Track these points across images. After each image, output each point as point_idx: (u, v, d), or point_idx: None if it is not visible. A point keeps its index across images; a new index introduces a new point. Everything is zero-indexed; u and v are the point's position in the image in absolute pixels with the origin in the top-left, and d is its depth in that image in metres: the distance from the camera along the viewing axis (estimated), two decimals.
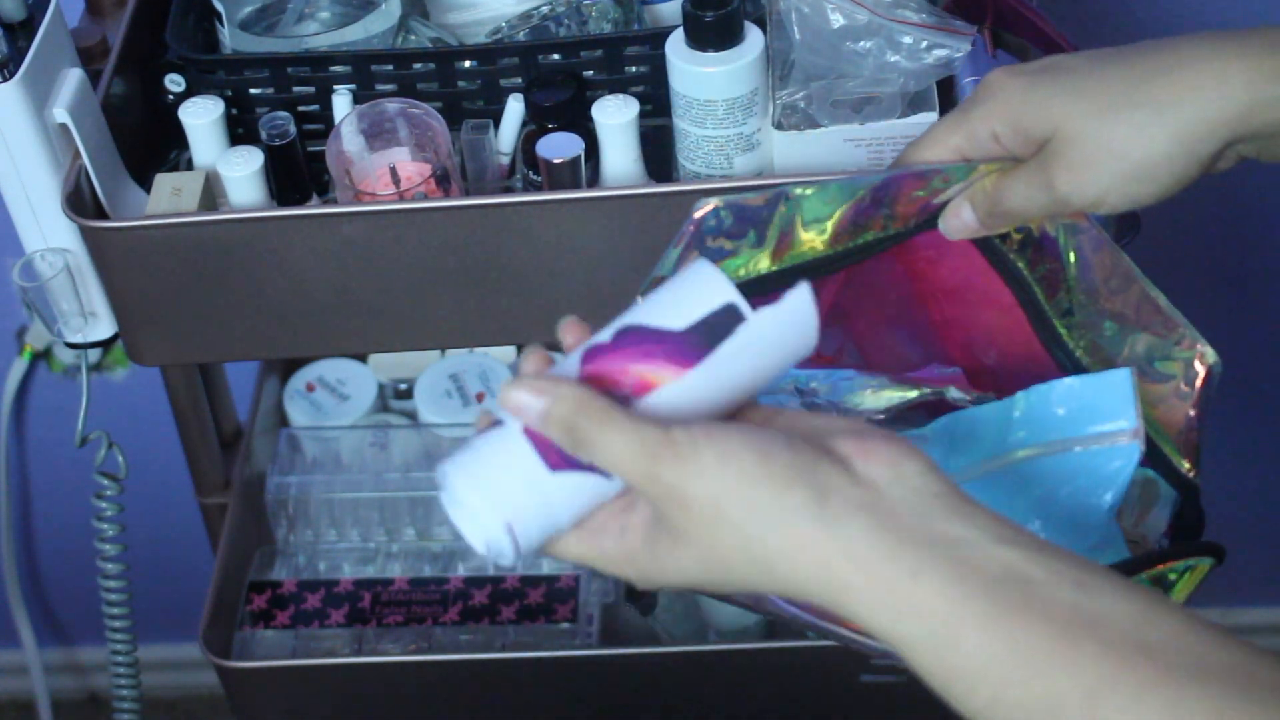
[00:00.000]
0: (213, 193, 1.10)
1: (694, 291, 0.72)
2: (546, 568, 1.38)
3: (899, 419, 0.93)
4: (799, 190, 0.86)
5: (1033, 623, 0.64)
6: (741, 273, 0.87)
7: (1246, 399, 1.75)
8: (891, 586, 0.66)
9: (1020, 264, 0.90)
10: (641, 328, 0.71)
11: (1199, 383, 0.84)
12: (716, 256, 0.86)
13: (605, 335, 0.72)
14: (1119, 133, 0.83)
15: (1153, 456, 0.86)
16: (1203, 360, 0.84)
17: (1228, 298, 1.67)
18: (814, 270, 0.88)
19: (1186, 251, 1.63)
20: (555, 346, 1.59)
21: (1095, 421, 0.84)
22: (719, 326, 0.71)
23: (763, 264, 0.87)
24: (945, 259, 0.92)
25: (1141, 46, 0.86)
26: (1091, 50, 0.87)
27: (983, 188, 0.88)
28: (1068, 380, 0.86)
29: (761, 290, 0.86)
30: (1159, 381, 0.86)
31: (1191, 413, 0.85)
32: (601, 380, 0.71)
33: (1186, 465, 0.88)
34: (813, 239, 0.87)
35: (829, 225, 0.87)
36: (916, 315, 0.96)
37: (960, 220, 0.89)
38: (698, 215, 0.85)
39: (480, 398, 1.43)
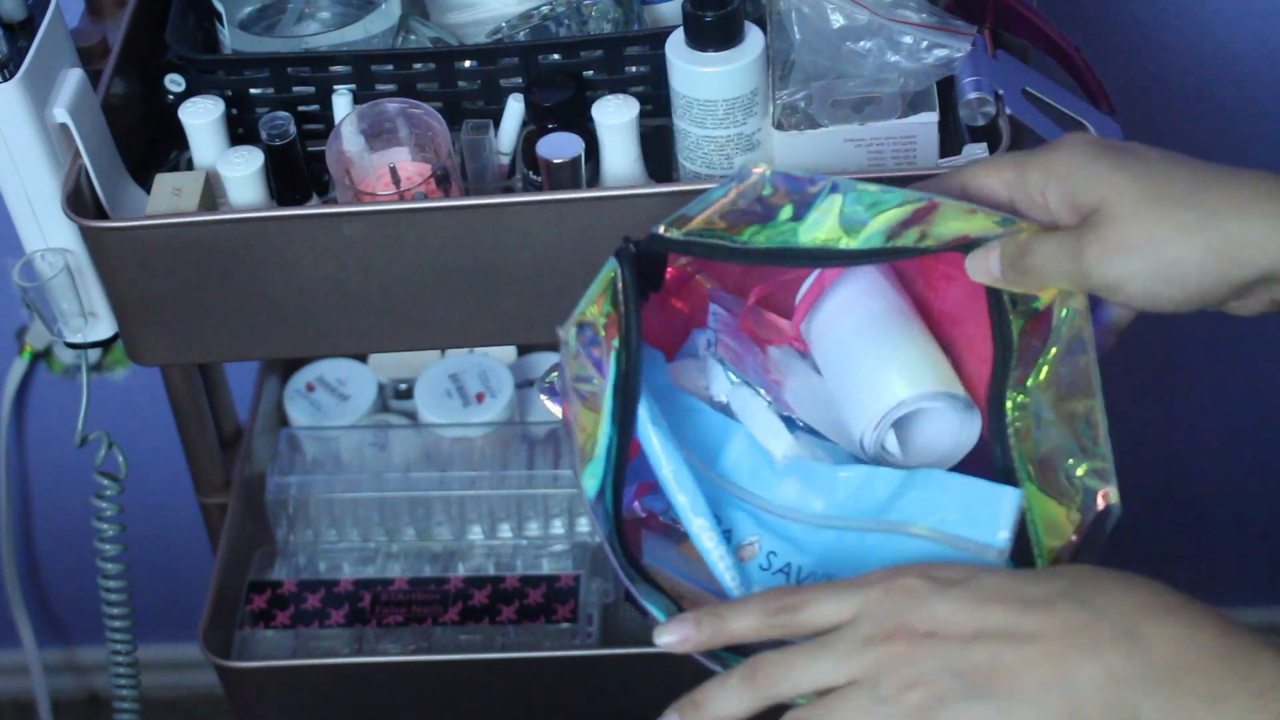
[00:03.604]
0: (213, 193, 1.10)
1: None
2: (547, 568, 1.38)
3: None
4: (854, 192, 0.88)
5: None
6: (760, 238, 0.88)
7: (1244, 397, 1.75)
8: None
9: (1014, 325, 0.90)
10: None
11: (1091, 515, 0.84)
12: (744, 219, 0.88)
13: None
14: (1161, 226, 0.83)
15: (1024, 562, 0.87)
16: (1105, 498, 0.83)
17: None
18: (842, 259, 0.89)
19: None
20: (554, 346, 1.59)
21: (971, 527, 0.86)
22: None
23: (794, 238, 0.89)
24: (957, 285, 0.92)
25: (1217, 164, 0.85)
26: (1171, 151, 0.87)
27: (1015, 240, 0.88)
28: (964, 478, 0.87)
29: (793, 261, 0.89)
30: (1059, 496, 0.86)
31: (1073, 538, 0.84)
32: None
33: None
34: (843, 236, 0.88)
35: (861, 232, 0.88)
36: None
37: (985, 264, 0.89)
38: (748, 183, 0.87)
39: (480, 398, 1.43)
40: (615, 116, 1.07)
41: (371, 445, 1.43)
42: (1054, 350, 0.87)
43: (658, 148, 1.11)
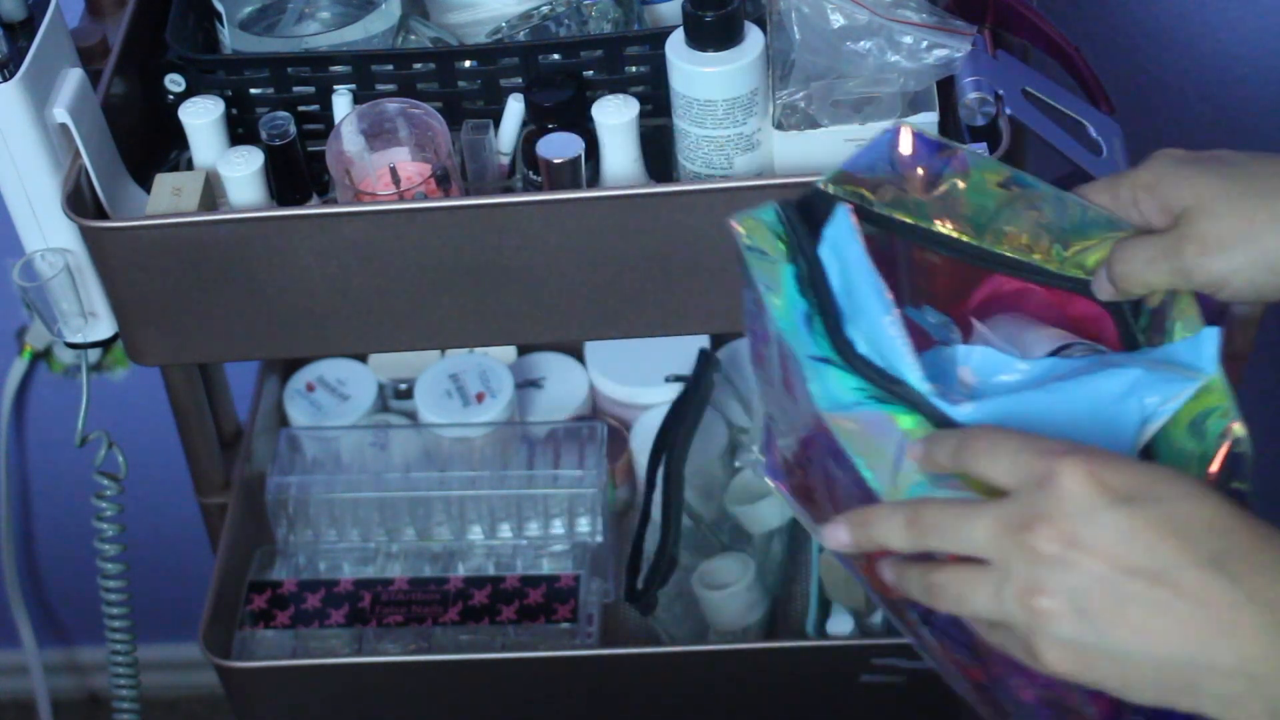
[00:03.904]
0: (213, 193, 1.10)
1: None
2: (547, 567, 1.38)
3: None
4: (978, 172, 0.88)
5: None
6: (899, 211, 0.89)
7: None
8: None
9: (1141, 340, 0.90)
10: None
11: (1222, 447, 0.84)
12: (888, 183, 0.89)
13: None
14: (1258, 216, 0.83)
15: None
16: (1232, 431, 0.83)
17: None
18: (972, 256, 0.90)
19: None
20: (554, 346, 1.59)
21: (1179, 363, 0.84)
22: None
23: (924, 219, 0.89)
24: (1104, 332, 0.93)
25: None
26: (1253, 151, 0.87)
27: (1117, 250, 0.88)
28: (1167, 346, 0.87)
29: (929, 243, 0.89)
30: (1190, 443, 0.85)
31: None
32: None
33: None
34: (970, 233, 0.90)
35: (971, 229, 0.89)
36: None
37: (1101, 280, 0.89)
38: (899, 145, 0.88)
39: (480, 398, 1.43)
40: (615, 116, 1.07)
41: (371, 445, 1.43)
42: (1170, 323, 0.88)
43: (658, 148, 1.11)
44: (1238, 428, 0.81)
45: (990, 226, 0.90)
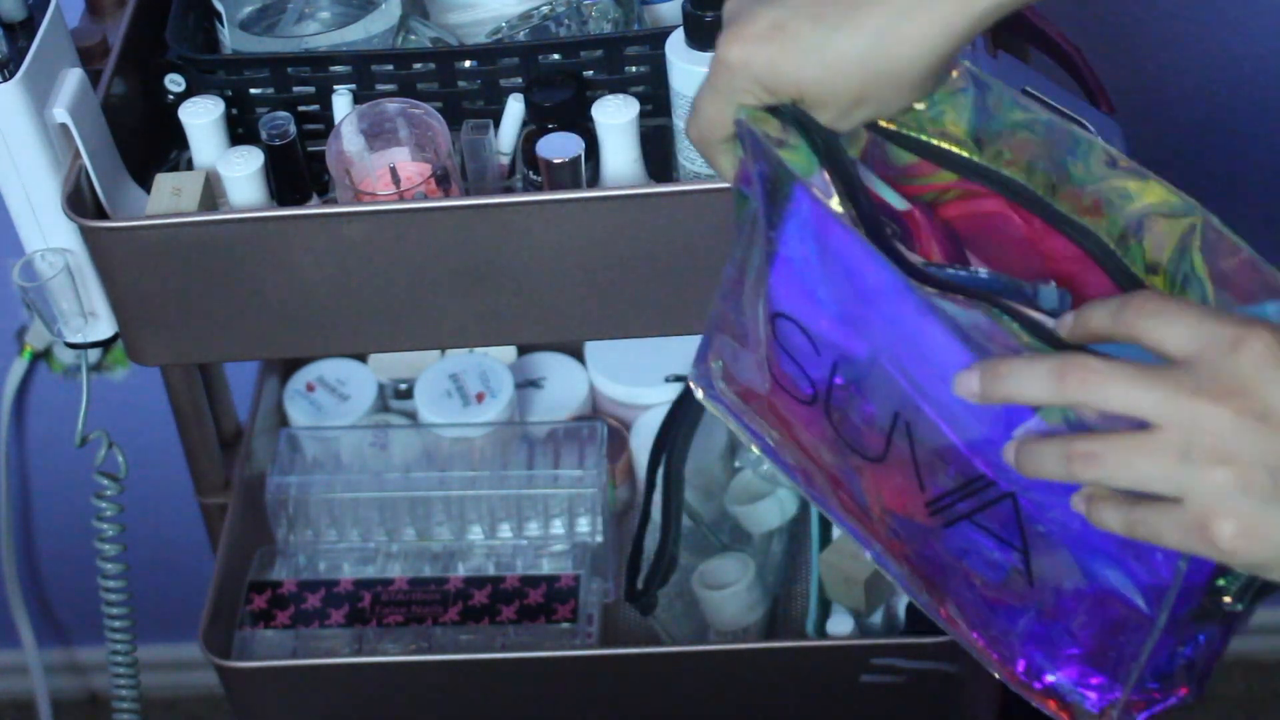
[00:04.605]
0: (213, 193, 1.10)
1: None
2: (547, 567, 1.38)
3: None
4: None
5: None
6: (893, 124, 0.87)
7: None
8: None
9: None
10: None
11: None
12: None
13: None
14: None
15: None
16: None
17: None
18: (961, 168, 0.87)
19: None
20: (554, 346, 1.58)
21: None
22: None
23: (919, 130, 0.87)
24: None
25: None
26: None
27: None
28: None
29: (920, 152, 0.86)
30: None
31: None
32: None
33: None
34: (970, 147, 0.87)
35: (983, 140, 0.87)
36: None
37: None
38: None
39: (480, 398, 1.43)
40: (615, 116, 1.07)
41: (371, 445, 1.43)
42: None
43: (658, 148, 1.11)
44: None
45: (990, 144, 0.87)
